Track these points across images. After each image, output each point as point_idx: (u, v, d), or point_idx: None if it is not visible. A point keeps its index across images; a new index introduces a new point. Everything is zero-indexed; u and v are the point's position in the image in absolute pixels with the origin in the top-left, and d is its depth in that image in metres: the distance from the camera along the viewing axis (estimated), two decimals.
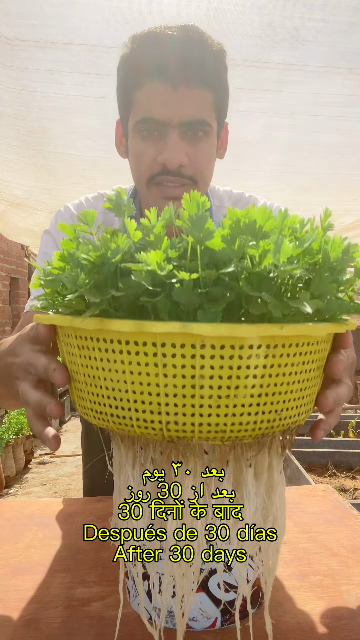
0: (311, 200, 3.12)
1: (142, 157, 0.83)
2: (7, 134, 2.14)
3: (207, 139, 0.83)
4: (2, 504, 1.00)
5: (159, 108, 0.79)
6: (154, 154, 0.82)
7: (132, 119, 0.84)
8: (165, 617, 0.58)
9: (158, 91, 0.78)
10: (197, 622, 0.57)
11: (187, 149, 0.81)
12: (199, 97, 0.80)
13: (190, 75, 0.78)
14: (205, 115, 0.81)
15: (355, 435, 3.05)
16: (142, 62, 0.79)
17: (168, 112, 0.79)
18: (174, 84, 0.77)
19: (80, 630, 0.58)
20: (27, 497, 3.60)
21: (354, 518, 0.88)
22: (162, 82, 0.78)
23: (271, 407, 0.41)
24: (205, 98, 0.81)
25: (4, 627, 0.59)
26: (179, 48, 0.77)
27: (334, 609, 0.61)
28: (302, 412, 0.45)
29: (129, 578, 0.62)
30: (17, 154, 2.34)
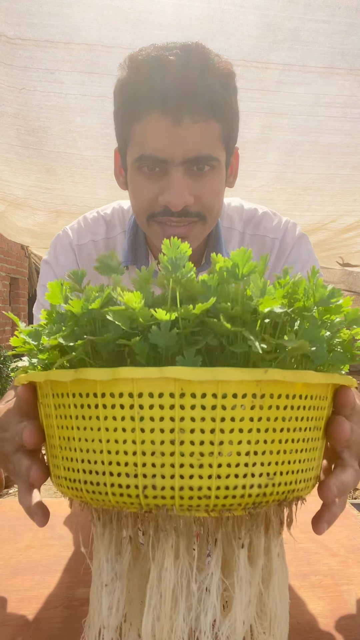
0: (311, 201, 3.12)
1: (142, 194, 0.77)
2: (7, 133, 2.14)
3: (215, 173, 0.76)
4: (2, 504, 1.00)
5: (159, 145, 0.71)
6: (155, 193, 0.75)
7: (130, 154, 0.77)
8: None
9: (158, 126, 0.70)
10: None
11: (192, 186, 0.74)
12: (205, 130, 0.71)
13: (194, 106, 0.69)
14: (211, 149, 0.73)
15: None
16: (139, 92, 0.71)
17: (170, 150, 0.71)
18: (176, 118, 0.69)
19: (80, 630, 0.58)
20: None
21: (354, 518, 0.88)
22: (162, 116, 0.70)
23: (262, 468, 0.36)
24: (212, 130, 0.72)
25: (4, 627, 0.59)
26: (180, 75, 0.68)
27: (334, 609, 0.61)
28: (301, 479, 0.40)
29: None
30: (17, 154, 2.34)
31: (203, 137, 0.72)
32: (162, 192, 0.74)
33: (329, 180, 2.74)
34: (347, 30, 1.46)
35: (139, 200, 0.78)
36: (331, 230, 3.83)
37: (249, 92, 1.80)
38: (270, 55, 1.59)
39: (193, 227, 0.78)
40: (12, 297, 6.22)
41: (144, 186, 0.76)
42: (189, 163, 0.73)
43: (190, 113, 0.69)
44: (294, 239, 0.91)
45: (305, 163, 2.50)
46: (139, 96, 0.72)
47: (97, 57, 1.60)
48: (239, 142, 1.97)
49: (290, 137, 2.20)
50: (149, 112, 0.71)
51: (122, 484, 0.36)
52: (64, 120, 2.04)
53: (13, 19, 1.40)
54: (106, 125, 2.07)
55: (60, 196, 3.05)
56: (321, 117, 2.01)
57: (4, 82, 1.71)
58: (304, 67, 1.65)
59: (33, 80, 1.70)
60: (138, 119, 0.73)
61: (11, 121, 2.03)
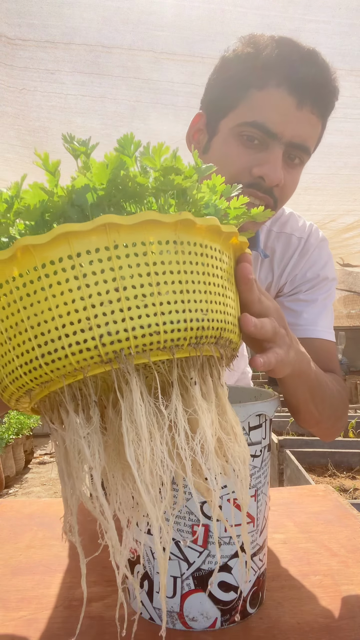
0: (312, 200, 3.12)
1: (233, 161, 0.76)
2: (8, 133, 2.15)
3: (300, 168, 0.80)
4: (2, 504, 1.00)
5: (276, 117, 0.73)
6: (249, 163, 0.75)
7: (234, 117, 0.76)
8: (167, 618, 0.58)
9: (282, 101, 0.72)
10: (197, 622, 0.57)
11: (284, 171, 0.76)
12: (315, 124, 0.76)
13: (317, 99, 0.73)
14: (310, 143, 0.77)
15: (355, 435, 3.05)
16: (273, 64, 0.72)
17: (284, 126, 0.73)
18: (301, 101, 0.72)
19: (80, 630, 0.58)
20: (27, 497, 3.60)
21: (354, 518, 0.88)
22: (289, 94, 0.72)
23: (196, 305, 0.42)
24: (317, 127, 0.77)
25: (4, 627, 0.59)
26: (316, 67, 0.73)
27: (334, 609, 0.61)
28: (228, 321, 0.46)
29: (128, 578, 0.63)
30: (18, 154, 2.35)
31: (311, 130, 0.76)
32: (259, 164, 0.75)
33: (329, 180, 2.75)
34: (348, 30, 1.46)
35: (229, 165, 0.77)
36: (331, 229, 3.83)
37: None
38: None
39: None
40: None
41: (240, 152, 0.76)
42: (290, 147, 0.75)
43: (312, 103, 0.73)
44: (317, 240, 0.96)
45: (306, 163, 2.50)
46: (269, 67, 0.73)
47: (98, 57, 1.60)
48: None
49: None
50: (276, 85, 0.72)
51: (79, 340, 0.39)
52: (64, 121, 2.05)
53: (13, 19, 1.41)
54: (107, 126, 2.07)
55: None
56: None
57: (4, 82, 1.71)
58: None
59: (33, 80, 1.71)
60: (261, 87, 0.73)
61: (11, 121, 2.03)
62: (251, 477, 0.58)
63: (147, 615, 0.60)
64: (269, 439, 0.62)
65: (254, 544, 0.59)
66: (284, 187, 0.77)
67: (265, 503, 0.61)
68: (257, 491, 0.59)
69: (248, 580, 0.59)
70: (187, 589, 0.57)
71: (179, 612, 0.57)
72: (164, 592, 0.43)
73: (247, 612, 0.59)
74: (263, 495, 0.60)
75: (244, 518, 0.47)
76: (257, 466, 0.58)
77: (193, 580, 0.56)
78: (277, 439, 2.64)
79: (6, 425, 3.98)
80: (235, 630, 0.57)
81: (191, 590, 0.57)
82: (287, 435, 3.04)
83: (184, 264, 0.42)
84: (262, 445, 0.59)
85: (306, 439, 2.75)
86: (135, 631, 0.57)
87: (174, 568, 0.57)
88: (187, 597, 0.57)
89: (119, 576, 0.41)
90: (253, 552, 0.59)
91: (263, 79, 0.73)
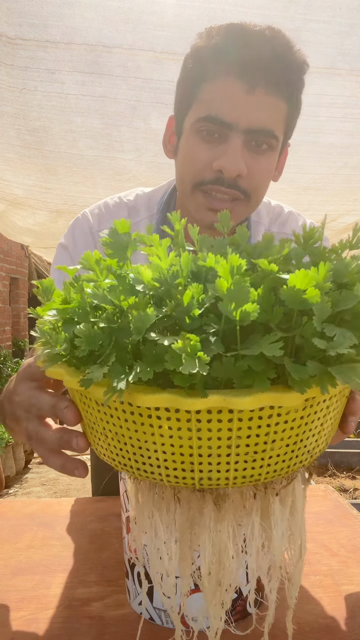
0: (312, 200, 3.12)
1: (195, 158, 0.74)
2: (8, 133, 2.15)
3: (270, 154, 0.75)
4: (2, 504, 1.00)
5: (228, 107, 0.70)
6: (210, 158, 0.73)
7: (192, 114, 0.74)
8: (167, 618, 0.58)
9: (231, 88, 0.69)
10: (197, 622, 0.57)
11: (248, 160, 0.72)
12: (274, 105, 0.71)
13: (271, 79, 0.69)
14: (275, 126, 0.72)
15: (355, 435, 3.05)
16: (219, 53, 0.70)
17: (237, 114, 0.69)
18: (251, 85, 0.68)
19: (80, 630, 0.58)
20: (27, 497, 3.60)
21: (354, 518, 0.88)
22: (238, 79, 0.68)
23: (304, 449, 0.42)
24: (280, 108, 0.72)
25: (4, 627, 0.59)
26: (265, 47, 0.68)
27: (334, 609, 0.61)
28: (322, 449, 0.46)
29: (128, 578, 0.63)
30: (18, 153, 2.35)
31: (271, 112, 0.71)
32: (218, 157, 0.72)
33: (329, 180, 2.75)
34: (348, 30, 1.46)
35: (191, 163, 0.75)
36: (331, 229, 3.83)
37: None
38: None
39: (237, 205, 0.76)
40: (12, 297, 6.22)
41: (200, 149, 0.74)
42: (251, 134, 0.72)
43: (265, 84, 0.69)
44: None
45: (306, 163, 2.50)
46: (218, 57, 0.70)
47: (98, 57, 1.60)
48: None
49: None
50: (225, 74, 0.69)
51: (178, 475, 0.40)
52: (64, 120, 2.05)
53: (14, 19, 1.41)
54: (107, 126, 2.07)
55: (61, 196, 3.05)
56: (322, 117, 2.01)
57: (5, 82, 1.71)
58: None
59: (34, 80, 1.71)
60: (211, 80, 0.71)
61: (12, 121, 2.03)
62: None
63: (147, 615, 0.60)
64: None
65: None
66: (250, 176, 0.73)
67: None
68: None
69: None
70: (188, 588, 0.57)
71: (179, 612, 0.57)
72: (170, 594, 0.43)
73: (247, 612, 0.59)
74: None
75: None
76: None
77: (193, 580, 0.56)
78: None
79: None
80: (235, 630, 0.57)
81: (191, 590, 0.57)
82: None
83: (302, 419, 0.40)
84: None
85: None
86: (134, 630, 0.57)
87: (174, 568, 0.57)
88: (188, 597, 0.57)
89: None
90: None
91: (212, 70, 0.71)
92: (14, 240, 5.07)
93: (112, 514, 0.92)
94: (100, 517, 0.91)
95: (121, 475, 0.62)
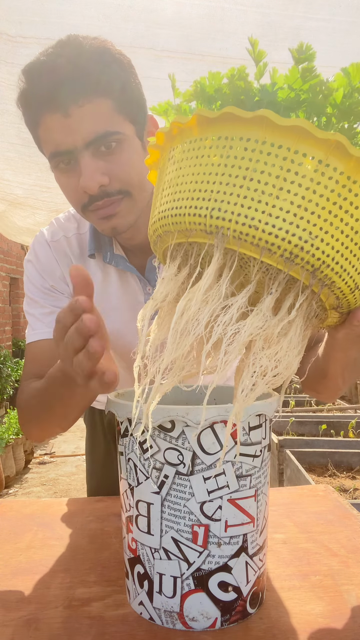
0: None
1: (66, 191, 0.81)
2: (8, 131, 2.14)
3: (123, 147, 0.78)
4: (2, 504, 1.00)
5: (58, 139, 0.75)
6: (75, 185, 0.78)
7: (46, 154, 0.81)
8: (167, 618, 0.58)
9: (52, 123, 0.75)
10: (197, 622, 0.57)
11: (104, 166, 0.76)
12: (95, 110, 0.74)
13: (74, 94, 0.73)
14: (108, 125, 0.75)
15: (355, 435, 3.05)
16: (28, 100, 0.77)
17: (68, 140, 0.75)
18: (63, 109, 0.73)
19: (80, 630, 0.58)
20: (27, 497, 3.60)
21: (354, 518, 0.88)
22: (52, 113, 0.74)
23: (306, 224, 0.41)
24: (103, 107, 0.75)
25: (4, 627, 0.59)
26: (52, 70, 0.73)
27: (334, 609, 0.61)
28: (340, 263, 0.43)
29: (128, 578, 0.62)
30: (18, 152, 2.34)
31: (95, 117, 0.74)
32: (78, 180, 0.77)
33: None
34: (348, 29, 1.45)
35: (67, 195, 0.82)
36: None
37: None
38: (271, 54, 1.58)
39: (118, 205, 0.80)
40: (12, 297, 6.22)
41: (65, 182, 0.80)
42: (92, 145, 0.75)
43: (73, 100, 0.73)
44: None
45: None
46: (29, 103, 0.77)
47: None
48: None
49: None
50: (42, 114, 0.75)
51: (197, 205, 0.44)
52: None
53: (14, 16, 1.40)
54: None
55: (61, 195, 3.04)
56: None
57: (5, 80, 1.70)
58: None
59: None
60: (37, 123, 0.77)
61: (12, 119, 2.02)
62: (251, 477, 0.58)
63: (147, 615, 0.59)
64: (269, 439, 0.62)
65: (254, 544, 0.59)
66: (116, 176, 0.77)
67: (265, 503, 0.61)
68: (257, 491, 0.58)
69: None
70: (187, 589, 0.57)
71: (179, 612, 0.57)
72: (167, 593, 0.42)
73: (247, 612, 0.59)
74: (263, 495, 0.60)
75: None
76: (257, 466, 0.58)
77: (193, 580, 0.56)
78: (277, 439, 2.64)
79: (6, 425, 3.98)
80: (235, 630, 0.57)
81: (191, 590, 0.57)
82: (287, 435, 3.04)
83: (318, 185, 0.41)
84: (262, 445, 0.59)
85: (306, 439, 2.75)
86: (134, 630, 0.57)
87: (174, 568, 0.57)
88: (187, 597, 0.57)
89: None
90: (253, 552, 0.59)
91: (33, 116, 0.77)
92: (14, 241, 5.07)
93: (112, 514, 0.92)
94: (100, 517, 0.91)
95: (121, 475, 0.62)
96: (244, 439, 0.57)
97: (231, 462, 0.56)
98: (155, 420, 0.54)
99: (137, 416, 0.53)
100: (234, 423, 0.45)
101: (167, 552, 0.57)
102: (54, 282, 0.95)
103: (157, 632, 0.57)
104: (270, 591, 0.65)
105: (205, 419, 0.53)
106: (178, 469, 0.55)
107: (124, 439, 0.60)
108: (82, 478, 3.91)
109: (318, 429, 3.09)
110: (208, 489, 0.55)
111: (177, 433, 0.55)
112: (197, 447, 0.55)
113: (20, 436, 4.01)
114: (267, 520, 0.62)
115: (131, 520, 0.60)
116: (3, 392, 4.33)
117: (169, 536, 0.56)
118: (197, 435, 0.54)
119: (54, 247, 0.96)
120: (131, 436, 0.58)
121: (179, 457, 0.55)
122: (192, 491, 0.55)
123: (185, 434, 0.54)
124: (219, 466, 0.55)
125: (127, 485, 0.60)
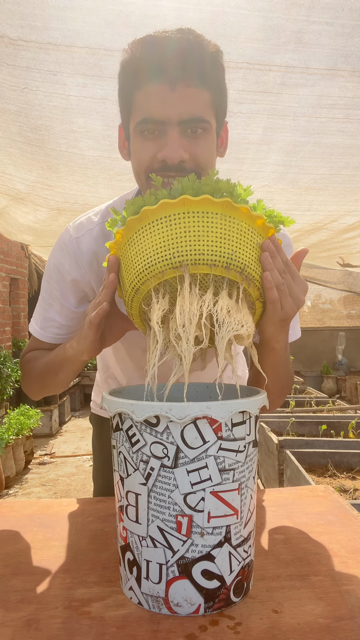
0: (313, 200, 3.12)
1: (142, 154, 0.86)
2: (10, 129, 2.15)
3: (207, 136, 0.85)
4: (2, 504, 1.00)
5: (157, 108, 0.81)
6: (154, 151, 0.84)
7: (132, 120, 0.86)
8: (153, 603, 0.61)
9: (156, 91, 0.81)
10: (181, 607, 0.60)
11: (187, 146, 0.83)
12: (197, 95, 0.82)
13: (187, 74, 0.80)
14: (203, 112, 0.83)
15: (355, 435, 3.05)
16: (140, 65, 0.82)
17: (166, 111, 0.81)
18: (172, 84, 0.80)
19: (80, 630, 0.58)
20: (27, 497, 3.60)
21: (354, 518, 0.88)
22: (160, 83, 0.80)
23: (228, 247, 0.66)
24: (203, 97, 0.83)
25: (4, 627, 0.59)
26: (176, 49, 0.80)
27: (334, 609, 0.61)
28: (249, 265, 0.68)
29: (120, 565, 0.64)
30: (20, 149, 2.35)
31: (195, 101, 0.82)
32: (161, 149, 0.83)
33: (330, 180, 2.74)
34: (351, 32, 1.46)
35: (140, 159, 0.87)
36: (332, 230, 3.83)
37: (252, 94, 1.80)
38: (273, 58, 1.59)
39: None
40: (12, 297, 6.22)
41: (145, 146, 0.85)
42: (184, 124, 0.82)
43: (184, 80, 0.80)
44: (291, 247, 0.99)
45: (307, 164, 2.50)
46: (140, 68, 0.82)
47: (100, 60, 1.60)
48: (242, 142, 1.98)
49: (292, 138, 2.20)
50: (148, 80, 0.81)
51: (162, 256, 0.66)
52: (65, 121, 2.05)
53: (16, 20, 1.41)
54: (108, 127, 2.07)
55: (62, 194, 3.05)
56: (324, 118, 2.01)
57: (6, 81, 1.71)
58: (307, 69, 1.65)
59: (35, 80, 1.71)
60: (139, 88, 0.83)
61: (14, 118, 2.03)
62: (234, 471, 0.61)
63: (136, 600, 0.63)
64: (255, 436, 0.65)
65: (238, 535, 0.61)
66: (194, 158, 0.85)
67: (251, 497, 0.64)
68: (240, 485, 0.61)
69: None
70: (172, 575, 0.59)
71: (165, 598, 0.60)
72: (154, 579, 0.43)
73: (230, 600, 0.61)
74: (247, 489, 0.63)
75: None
76: (240, 461, 0.61)
77: (177, 567, 0.59)
78: (277, 439, 2.64)
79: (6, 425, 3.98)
80: (235, 630, 0.57)
81: (175, 577, 0.59)
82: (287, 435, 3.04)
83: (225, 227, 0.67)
84: (247, 441, 0.62)
85: (306, 439, 2.75)
86: (134, 630, 0.57)
87: (159, 555, 0.60)
88: (172, 583, 0.59)
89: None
90: (237, 543, 0.61)
91: (138, 80, 0.83)
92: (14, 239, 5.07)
93: (112, 514, 0.92)
94: (100, 517, 0.91)
95: (114, 468, 0.65)
96: (226, 435, 0.59)
97: (214, 457, 0.59)
98: (141, 415, 0.58)
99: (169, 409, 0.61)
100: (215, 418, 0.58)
101: (154, 540, 0.60)
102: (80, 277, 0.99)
103: (157, 632, 0.57)
104: (270, 591, 0.66)
105: (187, 415, 0.57)
106: (163, 462, 0.59)
107: (115, 433, 0.64)
108: (82, 479, 3.91)
109: (318, 429, 3.09)
110: (191, 481, 0.58)
111: (162, 428, 0.58)
112: (181, 442, 0.58)
113: (20, 437, 4.01)
114: (252, 513, 0.64)
115: (122, 509, 0.63)
116: (3, 393, 4.33)
117: (155, 525, 0.59)
118: (180, 430, 0.58)
119: (77, 244, 1.01)
120: (121, 430, 0.62)
121: (163, 451, 0.58)
122: (176, 483, 0.58)
123: (170, 428, 0.58)
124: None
125: (119, 477, 0.64)
